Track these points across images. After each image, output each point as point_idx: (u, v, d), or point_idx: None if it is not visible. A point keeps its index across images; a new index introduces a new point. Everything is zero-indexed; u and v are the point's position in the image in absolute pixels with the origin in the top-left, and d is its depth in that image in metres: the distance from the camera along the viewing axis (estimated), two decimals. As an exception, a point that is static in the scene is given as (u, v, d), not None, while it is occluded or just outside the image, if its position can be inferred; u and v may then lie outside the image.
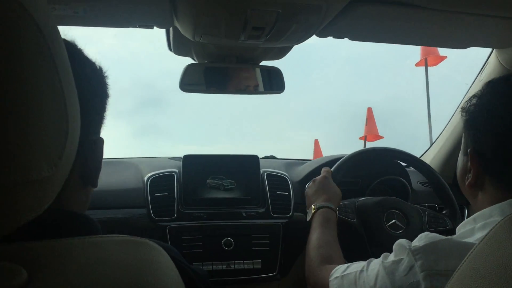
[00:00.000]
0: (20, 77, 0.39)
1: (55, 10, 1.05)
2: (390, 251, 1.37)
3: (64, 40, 0.63)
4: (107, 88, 0.65)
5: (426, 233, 0.84)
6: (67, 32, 0.59)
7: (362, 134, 7.14)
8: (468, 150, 0.89)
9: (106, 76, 0.65)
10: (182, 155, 1.78)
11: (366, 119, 7.19)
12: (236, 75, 1.51)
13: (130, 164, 1.77)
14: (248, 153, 1.70)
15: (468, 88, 1.73)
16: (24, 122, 0.39)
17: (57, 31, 0.47)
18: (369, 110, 7.25)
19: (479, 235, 0.82)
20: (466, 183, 0.90)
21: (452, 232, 1.46)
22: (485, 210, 0.85)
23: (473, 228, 0.86)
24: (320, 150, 7.52)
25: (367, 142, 7.17)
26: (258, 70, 1.52)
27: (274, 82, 1.53)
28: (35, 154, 0.41)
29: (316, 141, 7.73)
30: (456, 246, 0.79)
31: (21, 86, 0.39)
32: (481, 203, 0.88)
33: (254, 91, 1.54)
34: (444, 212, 1.52)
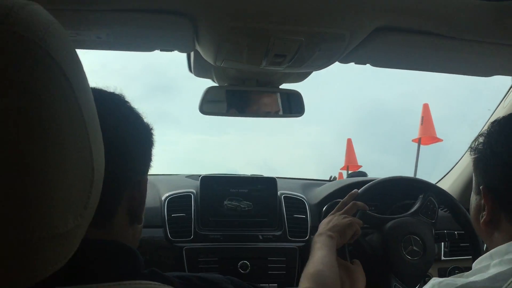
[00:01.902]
0: (47, 130, 0.39)
1: (78, 35, 1.07)
2: (402, 276, 1.36)
3: (112, 93, 0.69)
4: (151, 136, 0.72)
5: (438, 280, 0.82)
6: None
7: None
8: (480, 187, 0.88)
9: (152, 128, 0.72)
10: (199, 174, 1.79)
11: (422, 117, 6.21)
12: (257, 99, 1.51)
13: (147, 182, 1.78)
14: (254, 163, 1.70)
15: (491, 114, 1.70)
16: (50, 175, 0.39)
17: (85, 79, 0.47)
18: (426, 107, 6.29)
19: (493, 271, 0.81)
20: (481, 221, 0.89)
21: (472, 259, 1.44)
22: (502, 247, 0.83)
23: (489, 265, 0.84)
24: (353, 150, 7.22)
25: (421, 145, 6.23)
26: (278, 94, 1.52)
27: (293, 106, 1.53)
28: (60, 207, 0.41)
29: (349, 141, 7.30)
30: None
31: (48, 139, 0.39)
32: (497, 241, 0.86)
33: (274, 115, 1.54)
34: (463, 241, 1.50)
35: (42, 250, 0.40)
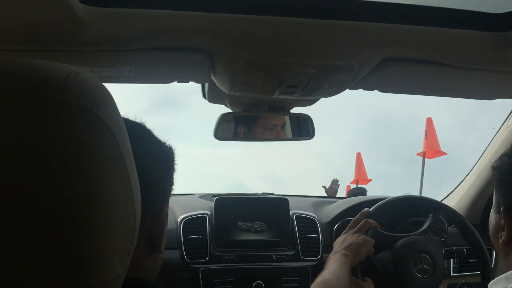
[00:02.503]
0: (98, 187, 0.42)
1: (102, 72, 1.12)
2: None
3: (135, 122, 0.69)
4: (173, 164, 0.71)
5: None
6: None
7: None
8: (501, 208, 0.90)
9: (174, 153, 0.71)
10: (212, 194, 1.83)
11: (426, 131, 6.34)
12: (268, 121, 1.57)
13: None
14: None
15: (495, 133, 1.75)
16: (101, 227, 0.42)
17: (125, 130, 0.50)
18: (429, 121, 6.41)
19: None
20: (500, 241, 0.91)
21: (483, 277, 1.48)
22: None
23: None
24: (363, 164, 7.31)
25: (426, 159, 6.31)
26: (288, 118, 1.57)
27: (303, 129, 1.57)
28: (109, 254, 0.44)
29: (359, 155, 7.40)
30: None
31: (99, 195, 0.42)
32: None
33: (284, 138, 1.59)
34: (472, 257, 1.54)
35: None
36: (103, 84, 0.49)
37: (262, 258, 1.62)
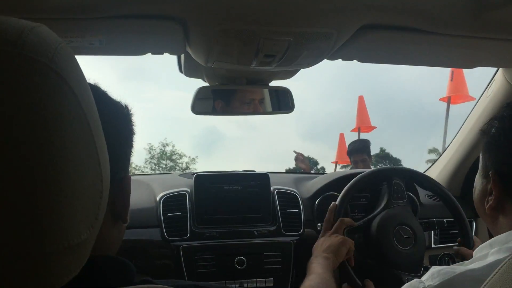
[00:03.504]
0: (58, 143, 0.40)
1: (72, 42, 1.08)
2: (394, 264, 1.39)
3: (89, 83, 0.66)
4: (132, 126, 0.66)
5: (437, 269, 0.83)
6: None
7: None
8: (490, 172, 0.88)
9: (131, 114, 0.67)
10: (192, 172, 1.80)
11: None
12: (246, 95, 1.54)
13: (141, 182, 1.79)
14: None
15: (474, 105, 1.75)
16: (64, 189, 0.40)
17: (89, 91, 0.48)
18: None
19: (491, 258, 0.83)
20: (487, 206, 0.89)
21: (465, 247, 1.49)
22: (502, 236, 0.84)
23: (487, 253, 0.86)
24: (366, 108, 6.77)
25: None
26: (267, 91, 1.54)
27: (283, 102, 1.55)
28: (74, 219, 0.42)
29: (361, 98, 6.86)
30: (470, 281, 0.79)
31: (59, 152, 0.40)
32: (501, 225, 0.88)
33: (263, 111, 1.57)
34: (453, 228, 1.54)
35: (56, 262, 0.41)
36: (62, 40, 0.47)
37: (244, 234, 1.61)
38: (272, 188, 1.71)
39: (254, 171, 1.87)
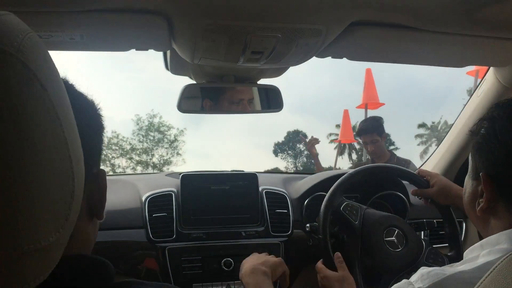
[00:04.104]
0: (25, 140, 0.38)
1: (51, 37, 1.04)
2: (383, 265, 1.37)
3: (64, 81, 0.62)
4: (101, 120, 0.65)
5: (427, 270, 0.82)
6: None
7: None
8: (480, 174, 0.86)
9: (99, 108, 0.64)
10: (178, 172, 1.77)
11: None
12: (235, 95, 1.51)
13: (127, 182, 1.76)
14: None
15: (465, 103, 1.73)
16: (30, 187, 0.38)
17: (61, 84, 0.46)
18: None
19: (482, 260, 0.81)
20: (478, 208, 0.87)
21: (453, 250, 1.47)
22: (493, 237, 0.83)
23: (478, 255, 0.84)
24: (374, 83, 6.41)
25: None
26: (255, 89, 1.52)
27: (272, 101, 1.52)
28: (42, 220, 0.40)
29: (368, 70, 6.44)
30: (461, 283, 0.77)
31: (26, 149, 0.38)
32: (492, 229, 0.86)
33: (252, 110, 1.54)
34: (443, 230, 1.52)
35: (24, 265, 0.39)
36: (31, 30, 0.44)
37: (231, 235, 1.58)
38: (260, 188, 1.69)
39: (243, 171, 1.85)
